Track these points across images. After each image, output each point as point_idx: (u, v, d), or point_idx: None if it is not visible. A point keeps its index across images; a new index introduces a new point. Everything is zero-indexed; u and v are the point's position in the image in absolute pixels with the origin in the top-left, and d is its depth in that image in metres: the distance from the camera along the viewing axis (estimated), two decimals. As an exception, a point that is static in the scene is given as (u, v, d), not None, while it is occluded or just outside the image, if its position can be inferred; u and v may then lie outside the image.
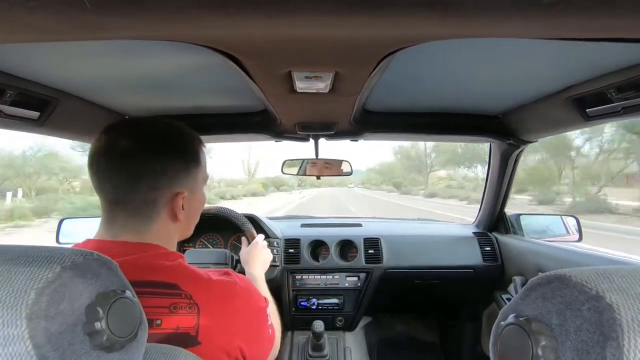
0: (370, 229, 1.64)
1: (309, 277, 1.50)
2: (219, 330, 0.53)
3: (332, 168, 1.45)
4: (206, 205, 1.30)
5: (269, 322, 0.65)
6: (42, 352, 0.26)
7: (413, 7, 0.39)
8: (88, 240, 0.56)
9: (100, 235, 0.56)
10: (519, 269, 1.37)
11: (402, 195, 29.16)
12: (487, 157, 1.53)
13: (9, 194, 14.65)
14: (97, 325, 0.29)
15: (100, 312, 0.30)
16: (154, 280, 0.52)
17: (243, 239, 1.21)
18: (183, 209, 0.58)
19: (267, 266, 1.09)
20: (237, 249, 1.41)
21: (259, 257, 1.05)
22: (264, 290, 0.87)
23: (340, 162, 1.44)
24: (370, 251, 1.51)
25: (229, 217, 1.27)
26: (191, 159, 0.60)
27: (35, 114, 0.81)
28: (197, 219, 0.67)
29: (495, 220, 1.57)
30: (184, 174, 0.58)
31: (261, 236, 1.16)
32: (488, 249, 1.51)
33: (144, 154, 0.55)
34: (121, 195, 0.54)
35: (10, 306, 0.26)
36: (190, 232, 0.65)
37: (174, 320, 0.51)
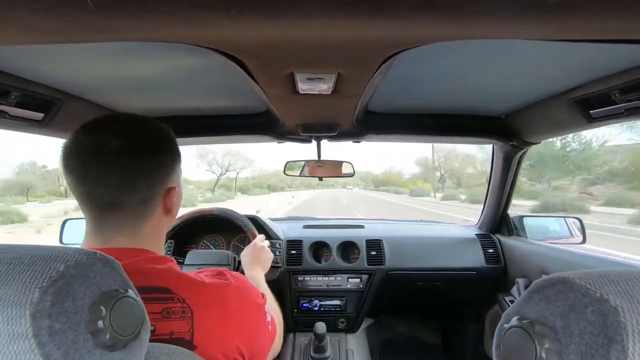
0: (373, 230, 1.64)
1: (311, 278, 1.50)
2: (215, 333, 0.52)
3: (334, 169, 1.45)
4: (208, 207, 1.31)
5: (268, 319, 0.64)
6: (46, 350, 0.26)
7: (416, 9, 0.39)
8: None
9: (88, 244, 0.53)
10: (522, 271, 1.36)
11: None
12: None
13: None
14: (100, 323, 0.30)
15: (103, 310, 0.30)
16: (146, 286, 0.50)
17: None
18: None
19: (268, 266, 1.06)
20: (239, 250, 1.41)
21: (257, 259, 1.03)
22: (264, 289, 0.85)
23: (342, 163, 1.44)
24: (372, 253, 1.51)
25: (231, 218, 1.27)
26: (176, 153, 0.60)
27: (39, 115, 0.82)
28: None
29: (498, 222, 1.56)
30: (172, 169, 0.59)
31: (261, 236, 1.15)
32: (491, 250, 1.50)
33: (137, 152, 0.53)
34: (117, 197, 0.52)
35: (15, 304, 0.26)
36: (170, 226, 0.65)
37: (168, 326, 0.50)
